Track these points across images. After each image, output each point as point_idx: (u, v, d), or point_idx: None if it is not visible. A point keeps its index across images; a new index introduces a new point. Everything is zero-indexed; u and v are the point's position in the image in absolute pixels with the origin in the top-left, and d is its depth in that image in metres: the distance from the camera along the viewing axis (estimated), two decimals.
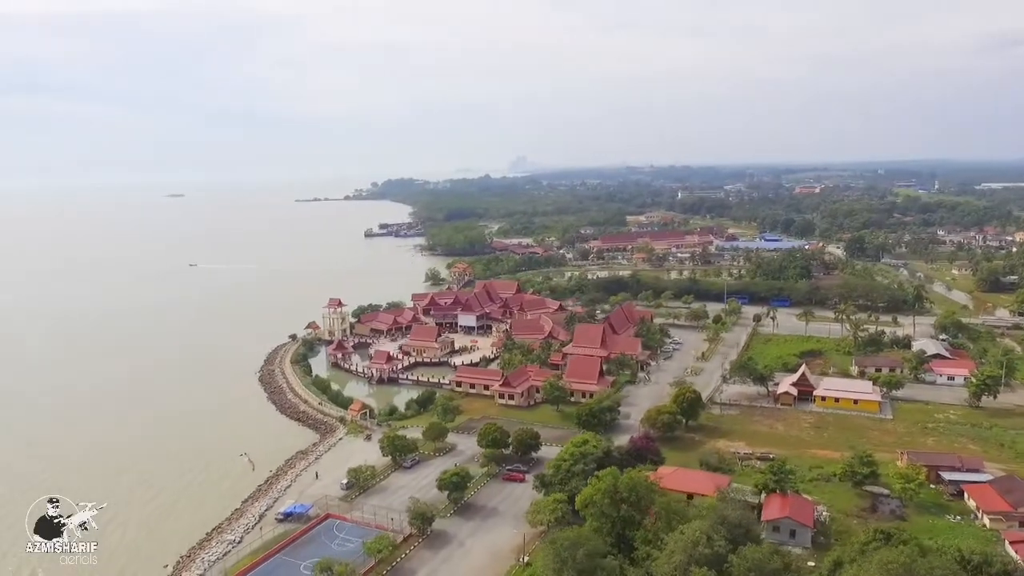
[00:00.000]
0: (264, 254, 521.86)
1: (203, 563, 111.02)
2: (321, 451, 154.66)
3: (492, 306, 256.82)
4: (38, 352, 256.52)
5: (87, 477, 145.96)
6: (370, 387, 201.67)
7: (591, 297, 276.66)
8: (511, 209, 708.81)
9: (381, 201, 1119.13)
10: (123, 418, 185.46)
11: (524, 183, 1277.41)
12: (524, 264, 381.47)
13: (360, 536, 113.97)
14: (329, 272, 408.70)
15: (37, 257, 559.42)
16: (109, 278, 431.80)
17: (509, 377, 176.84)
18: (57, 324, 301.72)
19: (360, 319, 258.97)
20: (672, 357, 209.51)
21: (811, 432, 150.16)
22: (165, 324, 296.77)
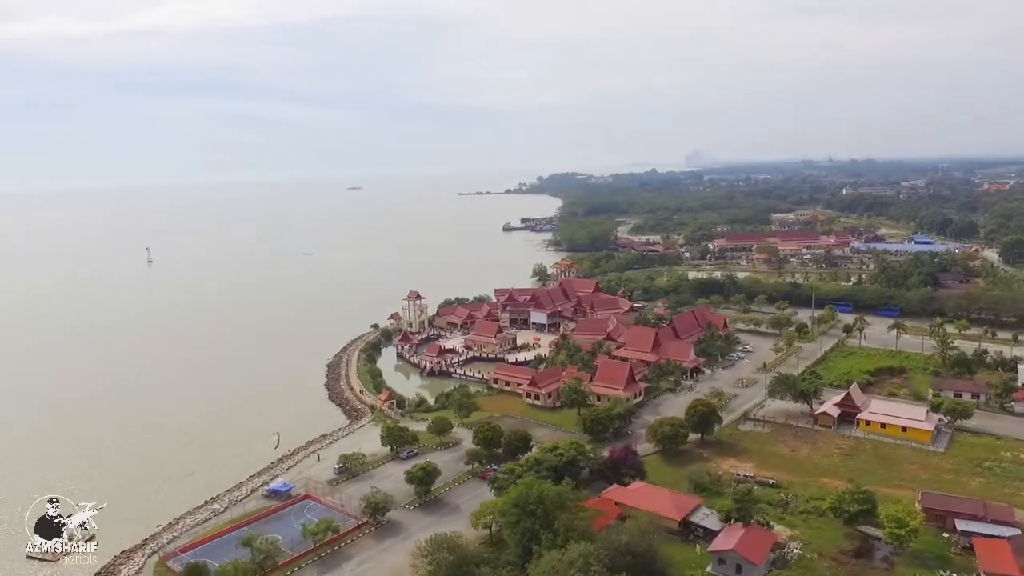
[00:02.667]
0: (392, 245, 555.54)
1: (184, 526, 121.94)
2: (341, 435, 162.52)
3: (566, 304, 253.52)
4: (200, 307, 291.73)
5: (143, 438, 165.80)
6: (422, 379, 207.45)
7: (679, 299, 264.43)
8: (656, 205, 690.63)
9: (539, 195, 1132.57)
10: (199, 388, 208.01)
11: (686, 178, 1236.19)
12: (636, 262, 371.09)
13: (325, 516, 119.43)
14: (448, 264, 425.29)
15: (221, 235, 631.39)
16: (238, 263, 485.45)
17: (536, 377, 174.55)
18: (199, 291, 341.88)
19: (439, 312, 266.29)
20: (733, 366, 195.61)
21: (837, 459, 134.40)
22: (269, 307, 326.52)
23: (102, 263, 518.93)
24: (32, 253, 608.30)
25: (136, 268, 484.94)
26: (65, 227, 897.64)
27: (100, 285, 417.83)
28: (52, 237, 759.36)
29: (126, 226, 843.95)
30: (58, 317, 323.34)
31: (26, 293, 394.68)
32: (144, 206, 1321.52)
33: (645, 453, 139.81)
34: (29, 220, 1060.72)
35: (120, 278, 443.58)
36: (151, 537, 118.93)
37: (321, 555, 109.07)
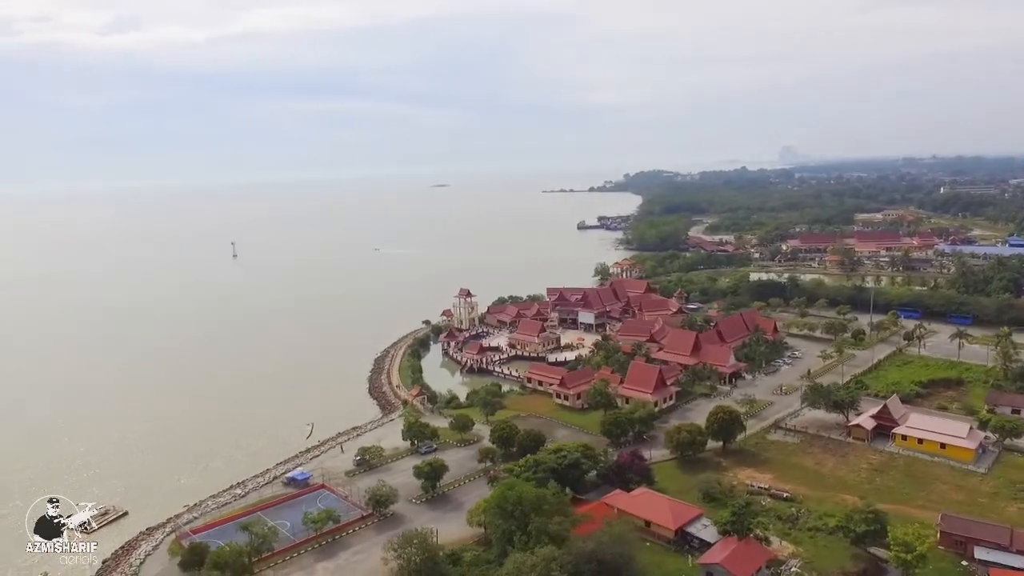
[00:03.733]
0: (462, 241, 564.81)
1: (205, 508, 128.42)
2: (370, 428, 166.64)
3: (615, 304, 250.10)
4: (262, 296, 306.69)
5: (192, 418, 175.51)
6: (462, 376, 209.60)
7: (736, 301, 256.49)
8: (737, 204, 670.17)
9: (623, 193, 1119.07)
10: (254, 376, 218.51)
11: (775, 176, 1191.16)
12: (703, 262, 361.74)
13: (335, 507, 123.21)
14: (513, 262, 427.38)
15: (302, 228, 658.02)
16: (312, 257, 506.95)
17: (566, 377, 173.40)
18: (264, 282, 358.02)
19: (489, 310, 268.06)
20: (777, 372, 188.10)
21: (863, 475, 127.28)
22: (332, 301, 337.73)
23: (195, 257, 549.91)
24: (133, 245, 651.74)
25: (222, 261, 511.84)
26: (170, 220, 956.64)
27: (188, 278, 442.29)
28: (155, 230, 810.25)
29: (224, 222, 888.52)
30: (148, 306, 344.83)
31: (119, 282, 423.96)
32: (244, 202, 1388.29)
33: (662, 459, 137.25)
34: (140, 214, 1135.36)
35: (206, 271, 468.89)
36: (174, 516, 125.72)
37: (322, 543, 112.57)
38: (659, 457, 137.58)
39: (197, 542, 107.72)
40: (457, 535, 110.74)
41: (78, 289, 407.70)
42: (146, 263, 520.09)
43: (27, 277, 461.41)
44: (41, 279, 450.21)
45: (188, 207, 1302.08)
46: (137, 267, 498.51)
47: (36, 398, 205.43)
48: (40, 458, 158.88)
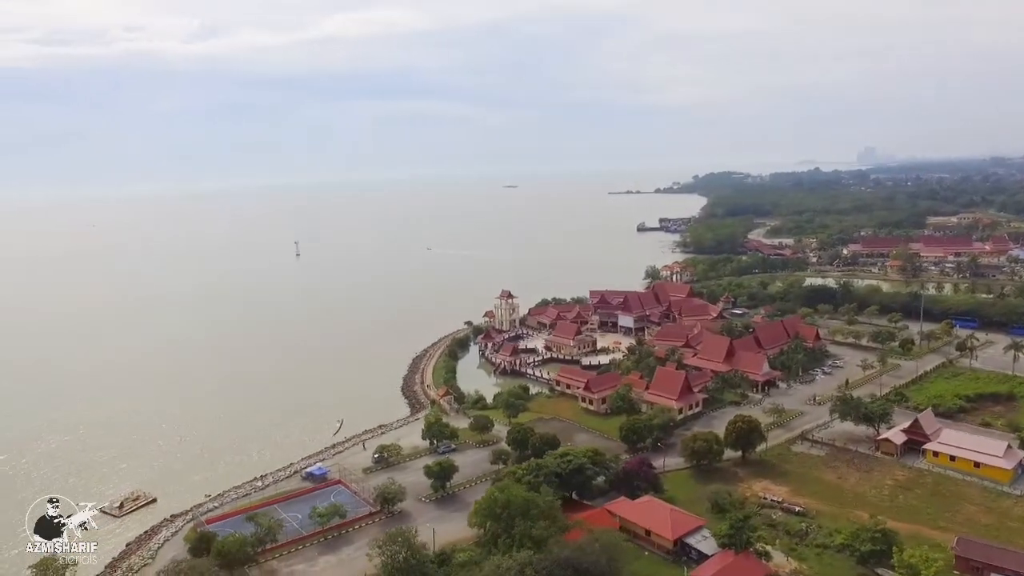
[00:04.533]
0: (518, 242, 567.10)
1: (227, 499, 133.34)
2: (396, 426, 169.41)
3: (655, 308, 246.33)
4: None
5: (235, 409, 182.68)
6: (495, 378, 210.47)
7: (783, 306, 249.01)
8: (804, 206, 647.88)
9: (689, 195, 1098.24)
10: (296, 371, 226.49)
11: (849, 178, 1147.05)
12: (757, 265, 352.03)
13: (345, 502, 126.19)
14: (565, 263, 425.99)
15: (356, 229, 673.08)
16: (368, 256, 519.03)
17: (591, 381, 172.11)
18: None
19: (530, 312, 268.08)
20: (815, 381, 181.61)
21: (886, 492, 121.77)
22: (383, 299, 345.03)
23: (260, 255, 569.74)
24: (207, 243, 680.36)
25: (286, 260, 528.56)
26: (241, 220, 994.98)
27: (251, 275, 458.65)
28: (228, 229, 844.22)
29: (290, 221, 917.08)
30: (210, 301, 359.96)
31: (186, 279, 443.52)
32: (312, 202, 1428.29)
33: (677, 467, 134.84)
34: (216, 214, 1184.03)
35: (269, 269, 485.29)
36: (196, 505, 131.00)
37: (328, 537, 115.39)
38: (675, 465, 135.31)
39: (206, 531, 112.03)
40: (460, 535, 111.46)
41: (150, 286, 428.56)
42: (214, 261, 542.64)
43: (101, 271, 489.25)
44: (116, 275, 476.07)
45: (261, 207, 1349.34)
46: (205, 265, 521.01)
47: (91, 383, 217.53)
48: (86, 443, 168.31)
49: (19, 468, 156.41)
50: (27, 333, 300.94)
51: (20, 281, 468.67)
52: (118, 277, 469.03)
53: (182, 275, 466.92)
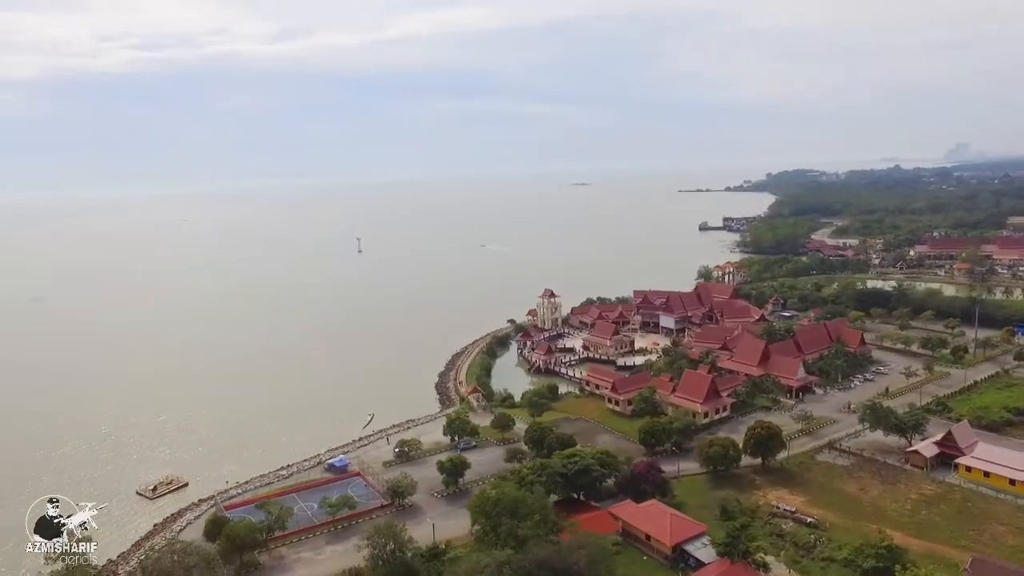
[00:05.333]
0: (576, 240, 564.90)
1: (250, 486, 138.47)
2: (423, 421, 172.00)
3: (697, 309, 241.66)
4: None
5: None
6: (530, 376, 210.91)
7: (834, 309, 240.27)
8: (876, 205, 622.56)
9: (760, 194, 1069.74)
10: (338, 364, 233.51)
11: (931, 176, 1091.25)
12: (815, 267, 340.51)
13: (360, 494, 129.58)
14: (620, 262, 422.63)
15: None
16: (426, 253, 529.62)
17: (617, 382, 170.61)
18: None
19: (572, 311, 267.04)
20: (854, 388, 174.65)
21: (908, 507, 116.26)
22: (433, 295, 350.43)
23: (325, 250, 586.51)
24: (277, 238, 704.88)
25: (348, 256, 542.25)
26: (314, 217, 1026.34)
27: (314, 270, 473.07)
28: (301, 225, 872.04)
29: (358, 218, 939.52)
30: (272, 295, 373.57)
31: (253, 273, 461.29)
32: (381, 200, 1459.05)
33: (693, 472, 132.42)
34: (293, 210, 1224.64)
35: (331, 265, 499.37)
36: (222, 491, 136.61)
37: (337, 528, 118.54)
38: (691, 470, 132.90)
39: (221, 516, 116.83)
40: (464, 531, 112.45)
41: (221, 278, 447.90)
42: (281, 255, 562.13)
43: (181, 268, 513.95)
44: (191, 271, 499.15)
45: (334, 204, 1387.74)
46: (272, 258, 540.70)
47: (149, 370, 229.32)
48: (136, 429, 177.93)
49: (76, 450, 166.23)
50: (99, 320, 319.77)
51: (91, 280, 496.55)
52: (189, 272, 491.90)
53: (249, 268, 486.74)
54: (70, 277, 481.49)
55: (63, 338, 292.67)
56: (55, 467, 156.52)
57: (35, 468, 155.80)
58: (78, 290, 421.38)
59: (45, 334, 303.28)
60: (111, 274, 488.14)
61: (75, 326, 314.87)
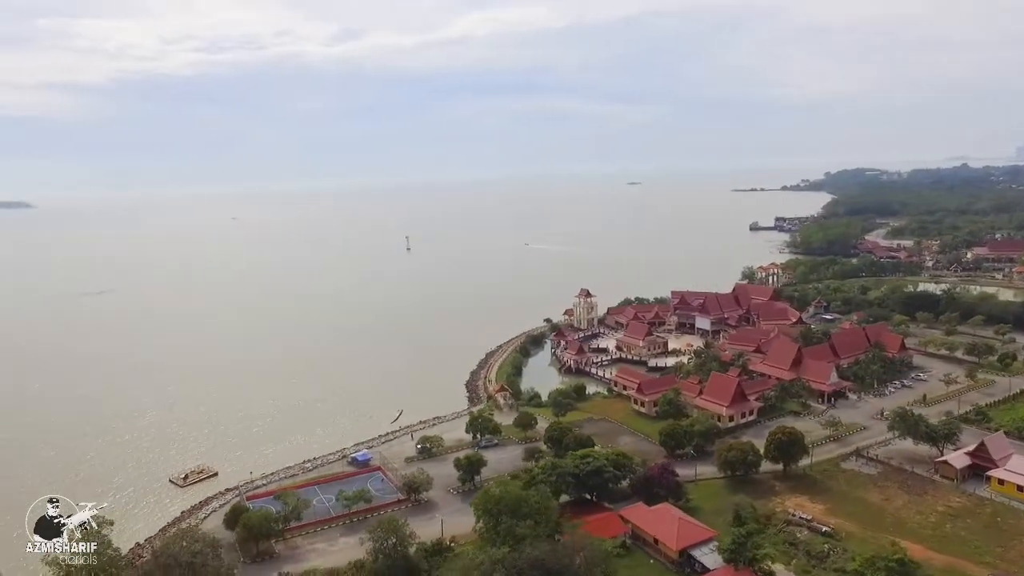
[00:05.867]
0: (624, 239, 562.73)
1: (275, 477, 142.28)
2: (449, 419, 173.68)
3: (734, 311, 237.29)
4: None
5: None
6: (561, 376, 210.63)
7: (878, 313, 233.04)
8: (936, 205, 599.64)
9: (816, 193, 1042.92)
10: (377, 358, 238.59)
11: (1001, 175, 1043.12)
12: (864, 268, 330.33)
13: (379, 488, 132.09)
14: (664, 261, 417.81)
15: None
16: (472, 251, 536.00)
17: (643, 383, 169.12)
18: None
19: (609, 311, 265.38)
20: (889, 394, 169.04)
21: (933, 519, 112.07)
22: (474, 293, 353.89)
23: (376, 249, 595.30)
24: (331, 238, 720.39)
25: (398, 254, 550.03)
26: (370, 216, 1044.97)
27: (364, 269, 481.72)
28: (356, 224, 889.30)
29: (410, 217, 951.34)
30: (322, 293, 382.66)
31: (306, 271, 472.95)
32: (436, 199, 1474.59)
33: (711, 476, 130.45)
34: (349, 210, 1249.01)
35: (380, 263, 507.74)
36: (247, 482, 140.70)
37: (353, 521, 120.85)
38: (710, 474, 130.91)
39: (241, 505, 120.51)
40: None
41: (272, 275, 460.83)
42: (333, 254, 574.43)
43: (231, 267, 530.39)
44: (242, 270, 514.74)
45: (387, 204, 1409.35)
46: (323, 258, 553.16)
47: (185, 363, 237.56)
48: (181, 419, 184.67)
49: (119, 438, 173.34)
50: (159, 315, 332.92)
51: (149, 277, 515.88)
52: (243, 269, 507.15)
53: (300, 266, 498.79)
54: (135, 271, 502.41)
55: (122, 329, 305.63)
56: (99, 452, 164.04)
57: (80, 452, 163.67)
58: (142, 284, 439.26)
59: (107, 325, 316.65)
60: (172, 269, 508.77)
61: (134, 318, 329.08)
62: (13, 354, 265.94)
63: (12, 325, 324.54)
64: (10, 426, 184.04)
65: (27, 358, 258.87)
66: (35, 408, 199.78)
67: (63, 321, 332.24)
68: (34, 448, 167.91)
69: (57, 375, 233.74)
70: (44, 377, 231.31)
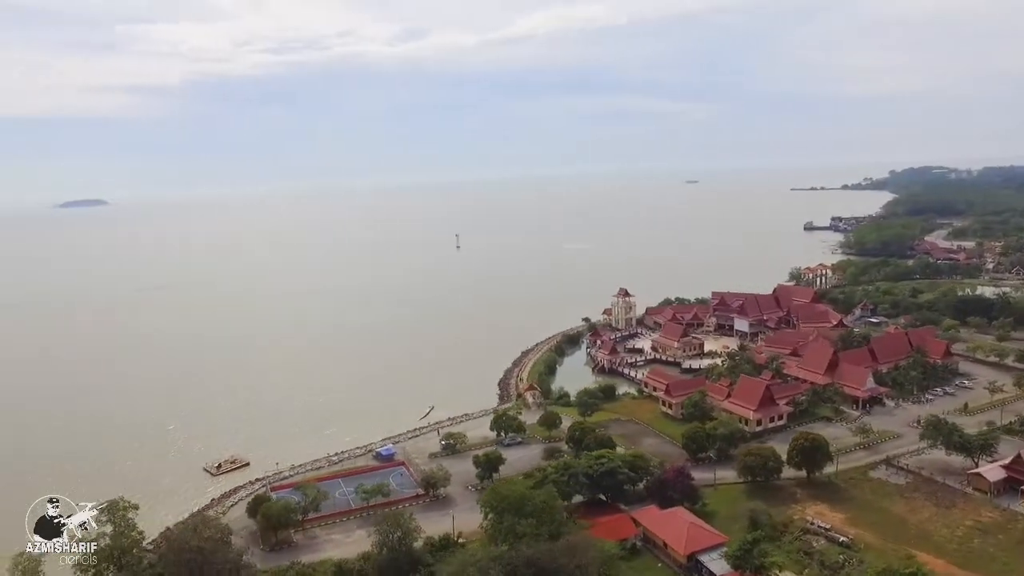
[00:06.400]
0: (673, 239, 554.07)
1: (301, 469, 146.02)
2: (477, 416, 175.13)
3: (774, 313, 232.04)
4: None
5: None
6: (593, 375, 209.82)
7: (927, 317, 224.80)
8: (1005, 205, 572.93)
9: (878, 192, 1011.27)
10: (414, 354, 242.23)
11: None
12: (919, 271, 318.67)
13: (400, 483, 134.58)
14: (712, 262, 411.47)
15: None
16: (521, 251, 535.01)
17: (671, 385, 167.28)
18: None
19: (647, 311, 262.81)
20: (928, 402, 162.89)
21: (960, 534, 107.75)
22: (519, 291, 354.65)
23: (428, 247, 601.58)
24: (388, 234, 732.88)
25: (447, 252, 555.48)
26: (427, 214, 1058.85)
27: (414, 266, 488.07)
28: (411, 222, 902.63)
29: (464, 215, 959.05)
30: (371, 287, 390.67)
31: (358, 265, 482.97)
32: (491, 197, 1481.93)
33: (732, 481, 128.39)
34: (409, 208, 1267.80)
35: (430, 261, 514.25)
36: (275, 473, 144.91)
37: (371, 513, 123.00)
38: (730, 479, 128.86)
39: (264, 495, 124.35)
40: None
41: (323, 271, 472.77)
42: (387, 250, 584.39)
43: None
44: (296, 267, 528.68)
45: (444, 201, 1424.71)
46: (377, 254, 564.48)
47: (230, 356, 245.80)
48: (218, 409, 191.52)
49: (164, 429, 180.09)
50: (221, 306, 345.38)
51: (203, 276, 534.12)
52: (295, 265, 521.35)
53: (356, 265, 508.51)
54: (193, 268, 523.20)
55: (174, 323, 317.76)
56: (143, 438, 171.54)
57: (130, 437, 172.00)
58: (199, 279, 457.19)
59: (161, 319, 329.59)
60: (231, 265, 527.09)
61: (189, 311, 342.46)
62: (67, 350, 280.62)
63: (79, 317, 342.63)
64: (82, 418, 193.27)
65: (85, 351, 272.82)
66: (91, 400, 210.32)
67: (128, 312, 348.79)
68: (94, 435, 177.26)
69: (119, 365, 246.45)
70: (107, 368, 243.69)
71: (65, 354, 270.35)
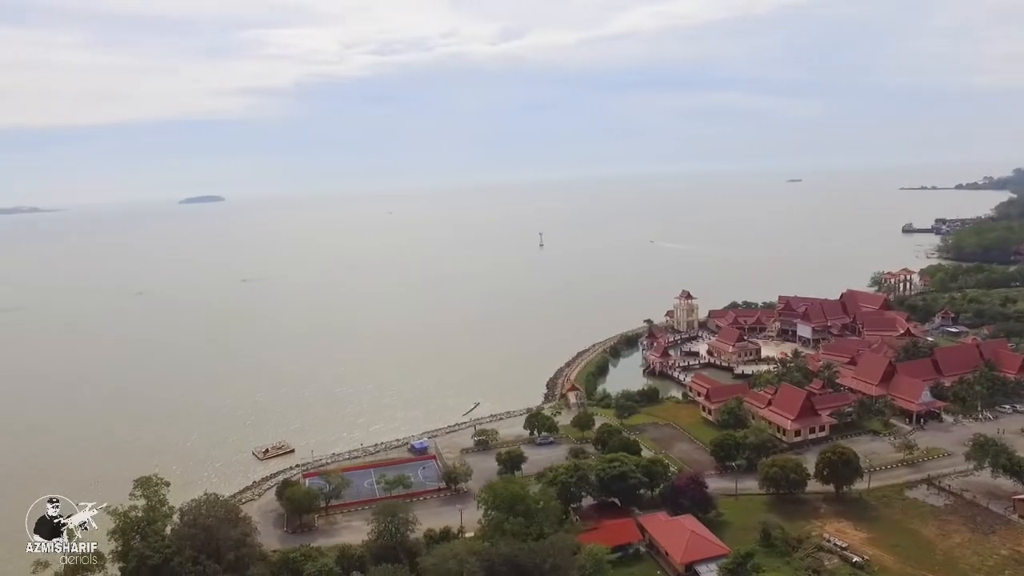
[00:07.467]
0: (758, 240, 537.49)
1: (338, 457, 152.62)
2: (518, 414, 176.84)
3: (839, 319, 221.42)
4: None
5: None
6: (644, 378, 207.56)
7: (1011, 328, 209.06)
8: None
9: (998, 192, 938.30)
10: (478, 349, 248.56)
11: None
12: (1017, 278, 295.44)
13: (427, 475, 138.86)
14: (792, 264, 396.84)
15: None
16: (603, 249, 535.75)
17: (712, 391, 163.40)
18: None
19: (710, 314, 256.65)
20: (992, 420, 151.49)
21: (992, 563, 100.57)
22: (596, 289, 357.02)
23: (515, 244, 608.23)
24: (481, 232, 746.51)
25: (531, 250, 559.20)
26: (520, 212, 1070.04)
27: (497, 263, 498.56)
28: (505, 220, 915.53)
29: (552, 214, 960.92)
30: (456, 285, 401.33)
31: (440, 261, 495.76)
32: (588, 196, 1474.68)
33: (755, 492, 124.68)
34: (512, 206, 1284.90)
35: (513, 258, 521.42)
36: (313, 460, 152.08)
37: (388, 501, 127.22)
38: (753, 489, 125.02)
39: (292, 480, 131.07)
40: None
41: (407, 269, 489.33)
42: (477, 248, 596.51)
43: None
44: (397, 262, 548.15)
45: (542, 199, 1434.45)
46: (468, 250, 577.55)
47: (303, 346, 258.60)
48: (280, 398, 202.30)
49: (231, 414, 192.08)
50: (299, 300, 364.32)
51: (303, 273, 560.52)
52: (378, 263, 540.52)
53: (437, 261, 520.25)
54: (295, 261, 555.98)
55: (265, 315, 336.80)
56: (207, 423, 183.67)
57: (199, 422, 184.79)
58: (297, 272, 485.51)
59: (256, 311, 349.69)
60: (326, 260, 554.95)
61: (281, 303, 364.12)
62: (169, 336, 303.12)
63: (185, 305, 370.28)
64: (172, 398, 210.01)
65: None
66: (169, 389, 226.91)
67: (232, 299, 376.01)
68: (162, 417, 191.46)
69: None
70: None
71: (182, 340, 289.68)
